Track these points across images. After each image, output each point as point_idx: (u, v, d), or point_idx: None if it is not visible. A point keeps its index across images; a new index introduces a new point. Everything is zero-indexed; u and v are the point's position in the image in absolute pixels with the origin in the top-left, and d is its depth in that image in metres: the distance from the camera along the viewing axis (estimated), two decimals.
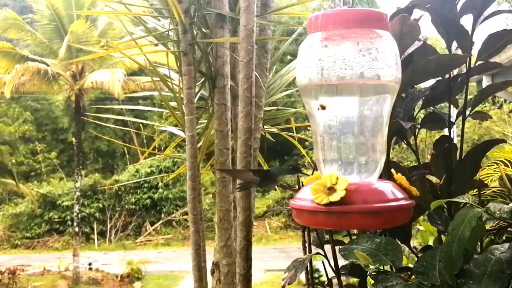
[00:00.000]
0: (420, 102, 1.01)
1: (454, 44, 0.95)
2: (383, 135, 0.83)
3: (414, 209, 0.82)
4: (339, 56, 0.77)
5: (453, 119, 1.00)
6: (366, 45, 0.77)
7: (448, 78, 0.97)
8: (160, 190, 15.57)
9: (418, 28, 0.92)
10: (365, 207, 0.76)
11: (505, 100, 9.41)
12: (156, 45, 1.73)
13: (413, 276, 0.83)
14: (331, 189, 0.76)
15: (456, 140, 1.06)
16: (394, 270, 0.81)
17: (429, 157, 0.99)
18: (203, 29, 1.50)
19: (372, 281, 0.82)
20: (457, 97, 1.01)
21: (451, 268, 0.71)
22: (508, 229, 0.91)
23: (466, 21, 0.93)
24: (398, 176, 0.84)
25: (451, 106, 0.99)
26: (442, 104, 1.04)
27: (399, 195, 0.80)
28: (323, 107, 0.80)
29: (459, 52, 0.94)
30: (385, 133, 0.83)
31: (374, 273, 0.81)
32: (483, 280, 0.70)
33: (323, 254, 1.06)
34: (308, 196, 0.79)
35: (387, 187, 0.80)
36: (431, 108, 1.04)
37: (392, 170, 0.87)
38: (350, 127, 0.82)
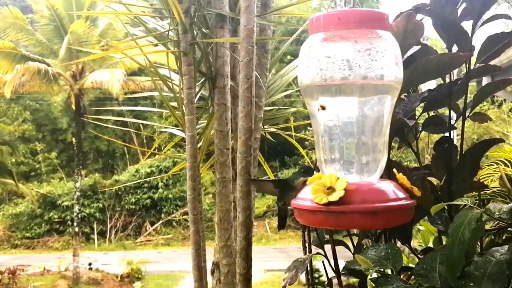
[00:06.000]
0: (421, 106, 1.01)
1: (454, 48, 0.95)
2: (385, 135, 0.83)
3: (415, 210, 0.82)
4: (338, 56, 0.77)
5: (453, 121, 1.00)
6: (365, 45, 0.77)
7: (449, 82, 0.97)
8: (160, 190, 15.58)
9: (422, 27, 0.92)
10: (363, 207, 0.76)
11: (504, 100, 9.40)
12: (156, 45, 1.73)
13: (413, 277, 0.83)
14: (331, 189, 0.76)
15: (456, 140, 1.06)
16: (394, 273, 0.81)
17: (428, 156, 0.99)
18: (203, 29, 1.50)
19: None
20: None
21: (454, 270, 0.71)
22: (508, 229, 0.91)
23: (467, 26, 0.93)
24: (400, 176, 0.84)
25: (452, 109, 0.99)
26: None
27: (400, 195, 0.80)
28: (323, 108, 0.80)
29: None
30: (386, 133, 0.83)
31: (375, 276, 0.81)
32: (483, 281, 0.71)
33: (323, 254, 1.06)
34: (309, 196, 0.79)
35: (388, 187, 0.80)
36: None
37: (394, 170, 0.87)
38: (351, 127, 0.82)
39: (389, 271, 0.83)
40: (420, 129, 1.04)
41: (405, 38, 0.91)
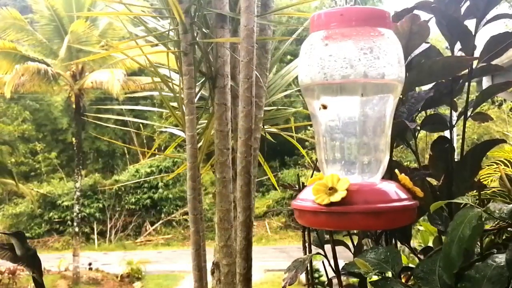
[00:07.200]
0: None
1: (457, 47, 0.94)
2: (387, 135, 0.82)
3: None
4: (340, 55, 0.76)
5: (453, 120, 1.00)
6: (367, 43, 0.76)
7: (449, 80, 0.97)
8: (160, 190, 15.58)
9: (428, 28, 0.91)
10: (366, 208, 0.75)
11: (504, 99, 9.39)
12: (156, 45, 1.73)
13: (412, 278, 0.83)
14: (332, 189, 0.75)
15: (456, 140, 1.06)
16: (394, 275, 0.81)
17: (428, 157, 0.99)
18: (203, 29, 1.50)
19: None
20: (456, 98, 1.01)
21: (450, 267, 0.71)
22: (508, 229, 0.91)
23: (469, 25, 0.93)
24: (402, 177, 0.83)
25: (452, 108, 0.99)
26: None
27: (403, 195, 0.79)
28: (324, 107, 0.79)
29: (461, 54, 0.94)
30: (388, 133, 0.82)
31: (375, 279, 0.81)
32: (483, 283, 0.71)
33: (323, 254, 1.06)
34: (310, 196, 0.78)
35: (390, 188, 0.80)
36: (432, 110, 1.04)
37: (396, 170, 0.86)
38: (352, 127, 0.81)
39: (389, 274, 0.83)
40: (419, 128, 1.03)
41: (411, 39, 0.90)
